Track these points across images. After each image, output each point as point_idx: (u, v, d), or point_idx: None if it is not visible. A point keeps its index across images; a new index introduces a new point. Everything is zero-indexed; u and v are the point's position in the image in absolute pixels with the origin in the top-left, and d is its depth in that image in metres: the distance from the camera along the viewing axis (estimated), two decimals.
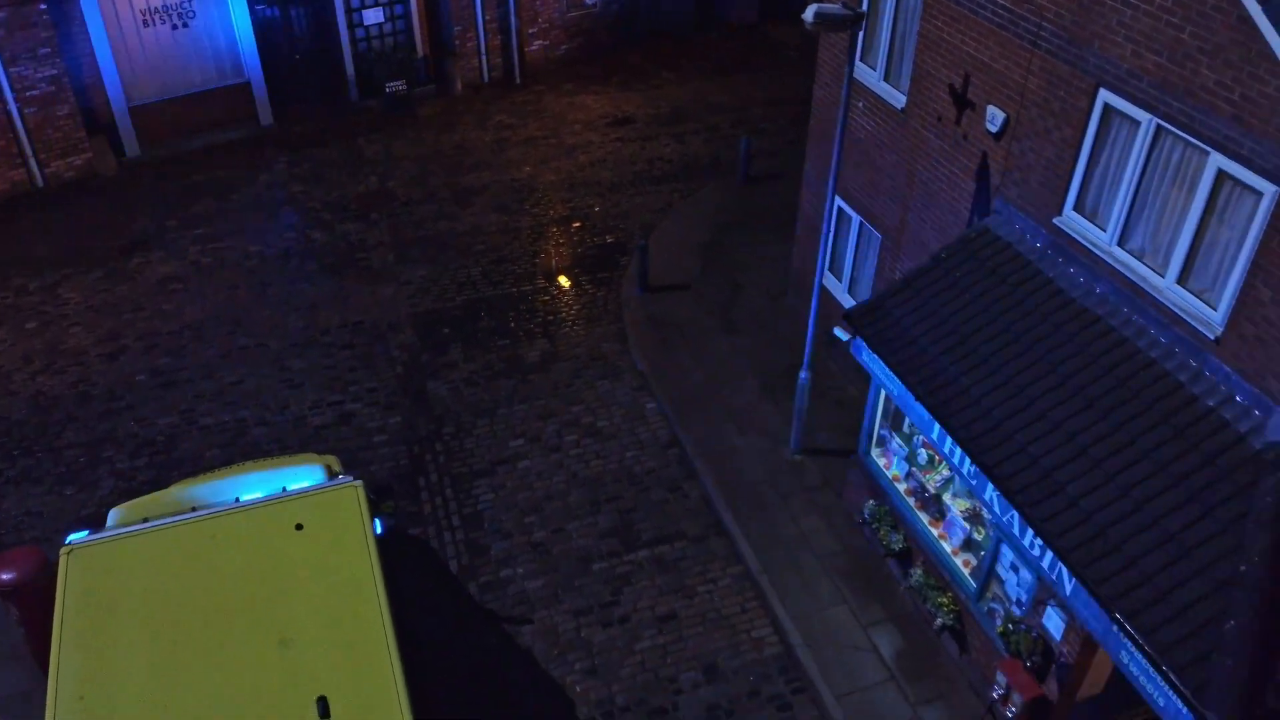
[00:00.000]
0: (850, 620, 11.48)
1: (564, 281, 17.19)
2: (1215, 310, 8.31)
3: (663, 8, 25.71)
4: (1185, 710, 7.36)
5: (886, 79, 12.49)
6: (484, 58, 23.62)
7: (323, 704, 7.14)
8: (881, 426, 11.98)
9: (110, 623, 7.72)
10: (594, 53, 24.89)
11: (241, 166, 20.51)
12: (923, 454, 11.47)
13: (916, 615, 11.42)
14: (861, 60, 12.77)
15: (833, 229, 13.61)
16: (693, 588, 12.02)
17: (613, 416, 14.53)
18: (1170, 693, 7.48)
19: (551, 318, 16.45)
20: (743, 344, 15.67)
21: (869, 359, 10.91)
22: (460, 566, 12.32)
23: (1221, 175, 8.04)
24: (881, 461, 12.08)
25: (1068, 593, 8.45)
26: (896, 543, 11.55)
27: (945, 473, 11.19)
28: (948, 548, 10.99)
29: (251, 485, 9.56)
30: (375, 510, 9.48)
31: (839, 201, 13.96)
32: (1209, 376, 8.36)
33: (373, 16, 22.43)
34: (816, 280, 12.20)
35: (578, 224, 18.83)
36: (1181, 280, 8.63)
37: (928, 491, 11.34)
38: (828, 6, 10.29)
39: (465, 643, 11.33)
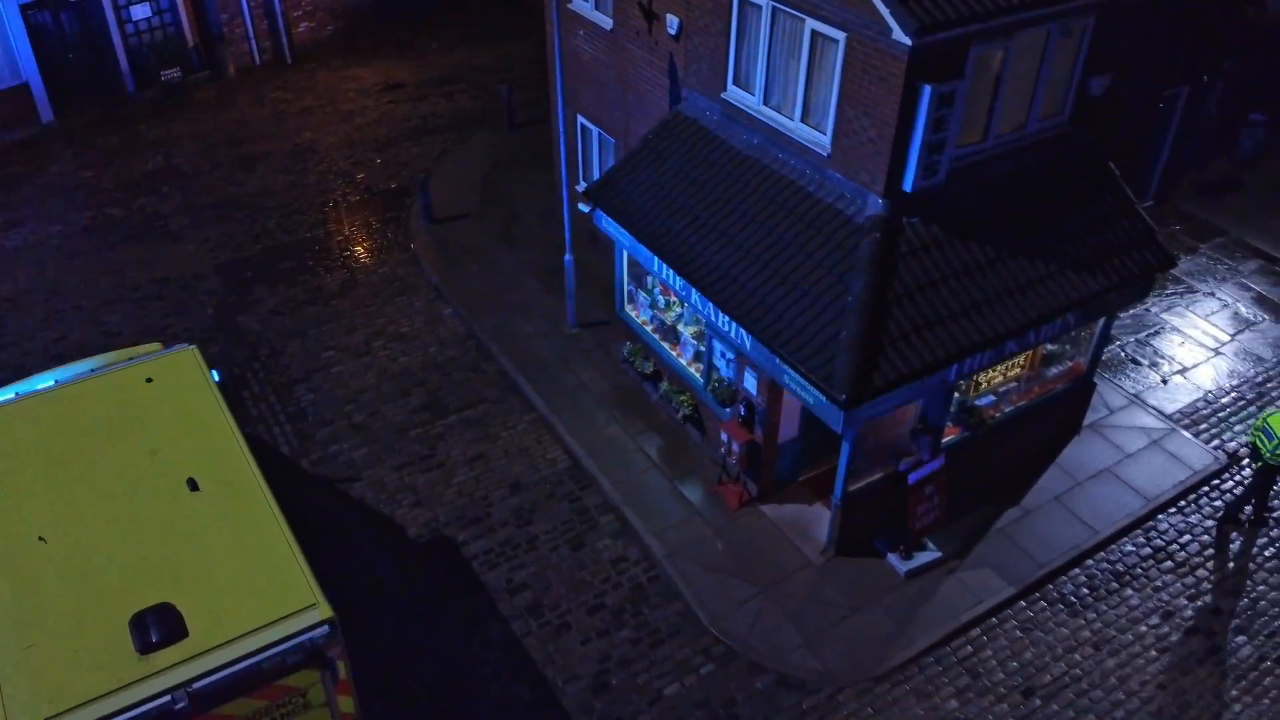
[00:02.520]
0: (621, 434, 14.35)
1: (355, 221, 19.30)
2: (825, 135, 11.56)
3: None
4: (823, 398, 10.56)
5: (597, 8, 15.37)
6: (253, 42, 25.12)
7: (191, 483, 9.24)
8: (629, 284, 14.89)
9: (7, 466, 9.48)
10: (361, 30, 26.80)
11: (30, 161, 21.32)
12: (660, 299, 14.45)
13: (668, 421, 14.42)
14: None
15: (569, 136, 16.44)
16: (496, 434, 14.57)
17: (414, 323, 16.83)
18: (814, 389, 10.68)
19: (347, 253, 18.54)
20: (522, 255, 18.29)
21: (607, 224, 13.76)
22: (291, 450, 14.35)
23: (815, 34, 11.26)
24: (633, 313, 15.01)
25: (748, 348, 11.59)
26: (647, 368, 14.53)
27: (677, 309, 14.21)
28: (683, 361, 14.04)
29: (100, 366, 11.32)
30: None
31: (580, 119, 16.79)
32: (827, 183, 11.62)
33: (140, 11, 23.54)
34: (563, 183, 14.95)
35: (361, 175, 20.91)
36: (804, 119, 11.84)
37: (666, 325, 14.35)
38: None
39: (303, 501, 13.40)
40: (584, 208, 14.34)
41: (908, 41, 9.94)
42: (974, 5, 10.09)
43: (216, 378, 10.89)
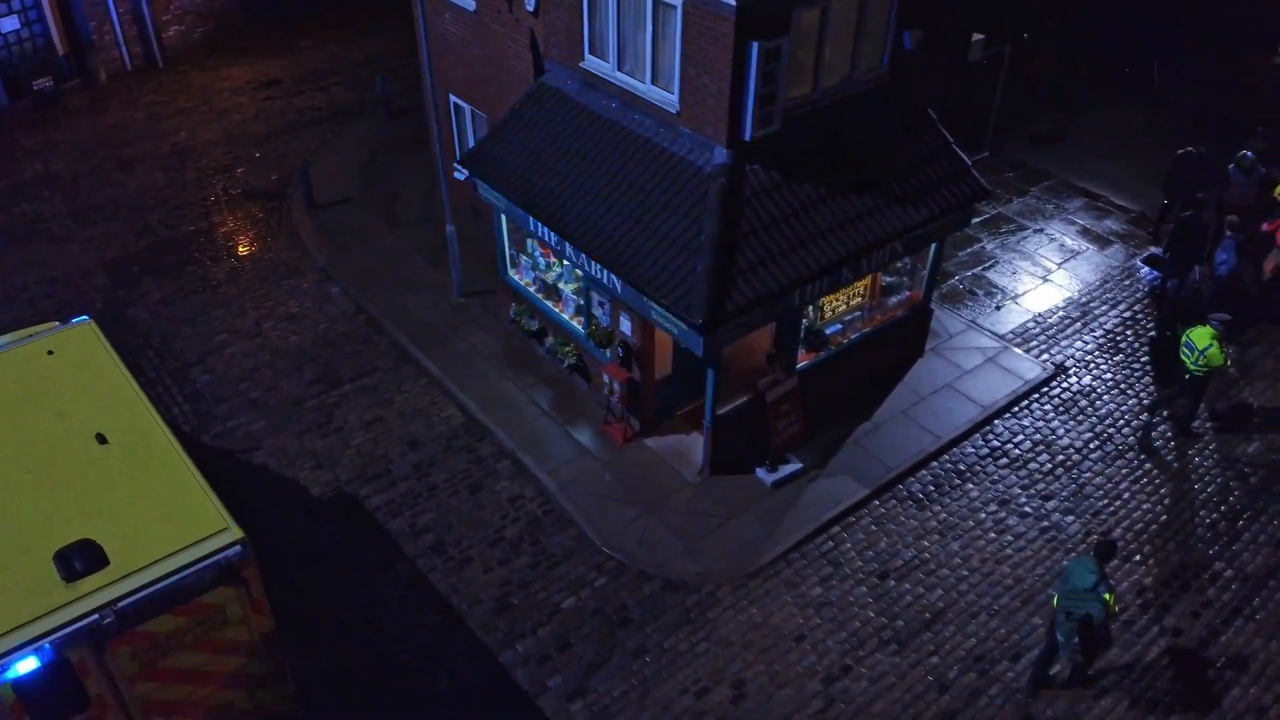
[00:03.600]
0: (513, 389, 15.33)
1: (236, 213, 19.76)
2: (673, 94, 12.75)
3: None
4: (685, 326, 11.76)
5: None
6: (124, 48, 25.13)
7: (100, 436, 9.88)
8: (511, 249, 15.87)
9: None
10: (231, 30, 27.01)
11: None
12: (541, 260, 15.47)
13: (556, 373, 15.46)
14: None
15: (442, 115, 17.33)
16: (391, 399, 15.37)
17: (302, 304, 17.46)
18: (677, 320, 11.88)
19: (232, 243, 19.01)
20: (405, 234, 19.06)
21: (484, 190, 14.73)
22: (191, 428, 14.89)
23: (656, 2, 12.42)
24: (516, 276, 16.00)
25: (620, 291, 12.73)
26: (533, 326, 15.55)
27: (558, 269, 15.24)
28: (565, 315, 15.10)
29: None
30: None
31: (453, 98, 17.68)
32: (678, 138, 12.81)
33: (9, 24, 23.39)
34: (439, 156, 15.82)
35: (241, 170, 21.33)
36: (653, 81, 13.01)
37: (548, 284, 15.39)
38: None
39: (207, 472, 13.94)
40: (459, 174, 15.25)
41: (733, 3, 11.18)
42: None
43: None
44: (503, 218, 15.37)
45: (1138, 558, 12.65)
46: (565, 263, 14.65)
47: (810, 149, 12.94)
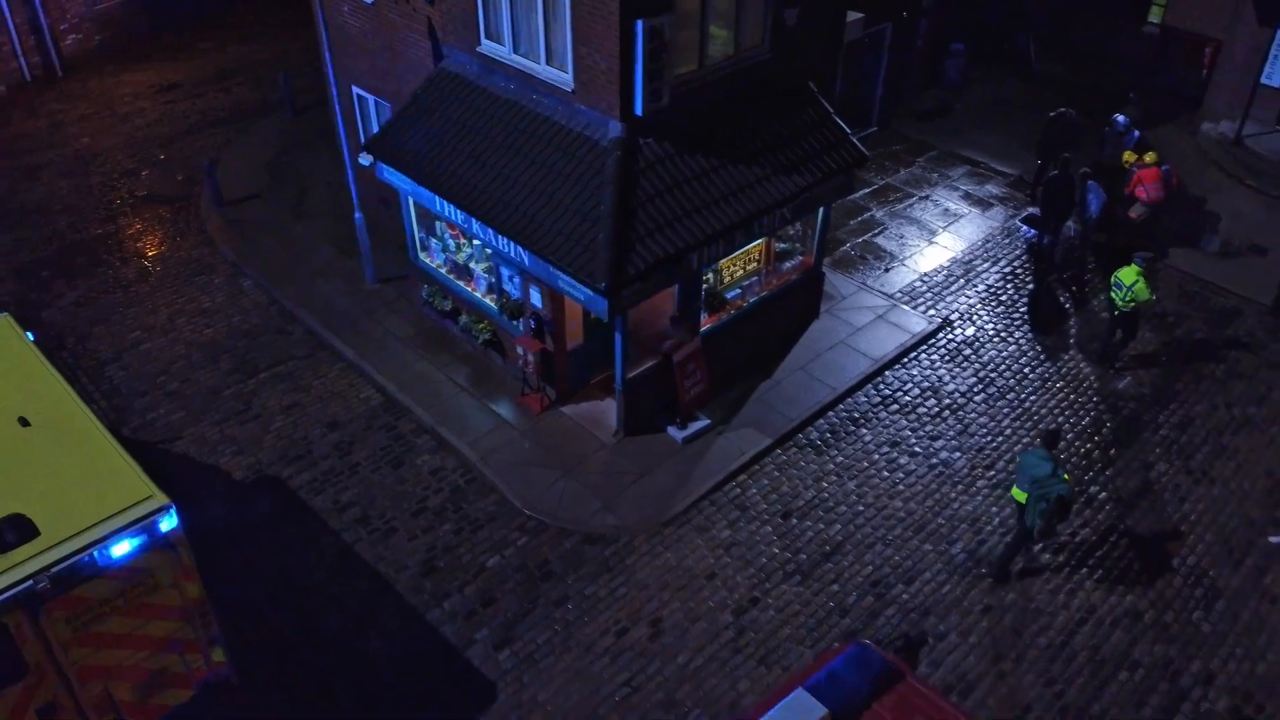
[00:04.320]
0: (430, 368, 15.81)
1: (145, 215, 19.79)
2: (567, 74, 13.40)
3: None
4: (588, 290, 12.43)
5: None
6: (21, 58, 24.73)
7: (23, 420, 10.12)
8: (420, 232, 16.33)
9: None
10: (130, 37, 26.76)
11: None
12: (451, 241, 15.98)
13: (472, 351, 15.99)
14: None
15: (345, 106, 17.70)
16: (308, 384, 15.71)
17: (215, 299, 17.64)
18: (582, 287, 12.54)
19: (141, 243, 19.05)
20: (315, 226, 19.34)
21: (389, 174, 15.17)
22: (110, 422, 15.00)
23: None
24: (427, 259, 16.47)
25: (527, 263, 13.34)
26: (446, 306, 16.05)
27: (468, 249, 15.77)
28: (478, 294, 15.64)
29: None
30: None
31: (355, 89, 18.04)
32: (574, 115, 13.47)
33: None
34: (344, 146, 16.19)
35: (146, 172, 21.32)
36: (548, 62, 13.64)
37: (459, 264, 15.90)
38: None
39: None
40: (365, 161, 15.66)
41: None
42: None
43: (31, 338, 11.67)
44: (409, 202, 15.83)
45: None
46: (475, 242, 15.19)
47: (700, 122, 13.71)
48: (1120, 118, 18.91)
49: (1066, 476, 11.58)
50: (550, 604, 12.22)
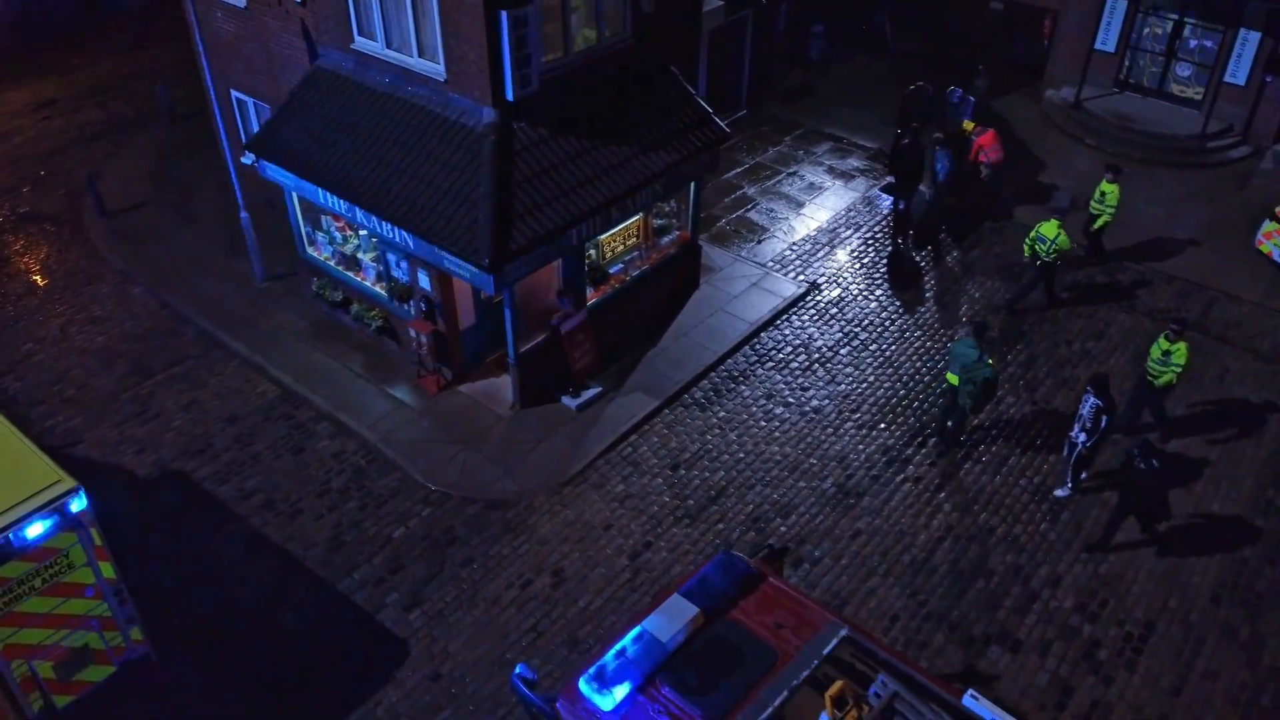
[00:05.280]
0: (325, 359, 16.28)
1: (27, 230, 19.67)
2: (440, 64, 14.08)
3: (53, 6, 27.65)
4: (475, 269, 13.15)
5: None
6: None
7: None
8: (306, 227, 16.77)
9: None
10: (1, 58, 26.25)
11: None
12: (337, 234, 16.47)
13: (366, 339, 16.52)
14: None
15: (225, 110, 18.00)
16: (205, 381, 16.02)
17: (105, 306, 17.74)
18: (468, 265, 13.25)
19: (27, 258, 18.97)
20: (202, 230, 19.52)
21: (271, 171, 15.60)
22: None
23: None
24: (315, 253, 16.92)
25: (413, 247, 13.99)
26: (337, 297, 16.55)
27: (355, 240, 16.28)
28: (367, 283, 16.19)
29: None
30: None
31: (235, 93, 18.33)
32: (449, 104, 14.15)
33: None
34: (225, 148, 16.52)
35: (27, 189, 21.14)
36: (420, 55, 14.29)
37: (347, 256, 16.41)
38: None
39: None
40: (247, 160, 16.04)
41: None
42: None
43: None
44: (294, 197, 16.26)
45: (882, 425, 14.99)
46: (361, 233, 15.74)
47: (569, 106, 14.54)
48: (955, 90, 20.48)
49: (991, 362, 13.74)
50: (456, 565, 12.92)
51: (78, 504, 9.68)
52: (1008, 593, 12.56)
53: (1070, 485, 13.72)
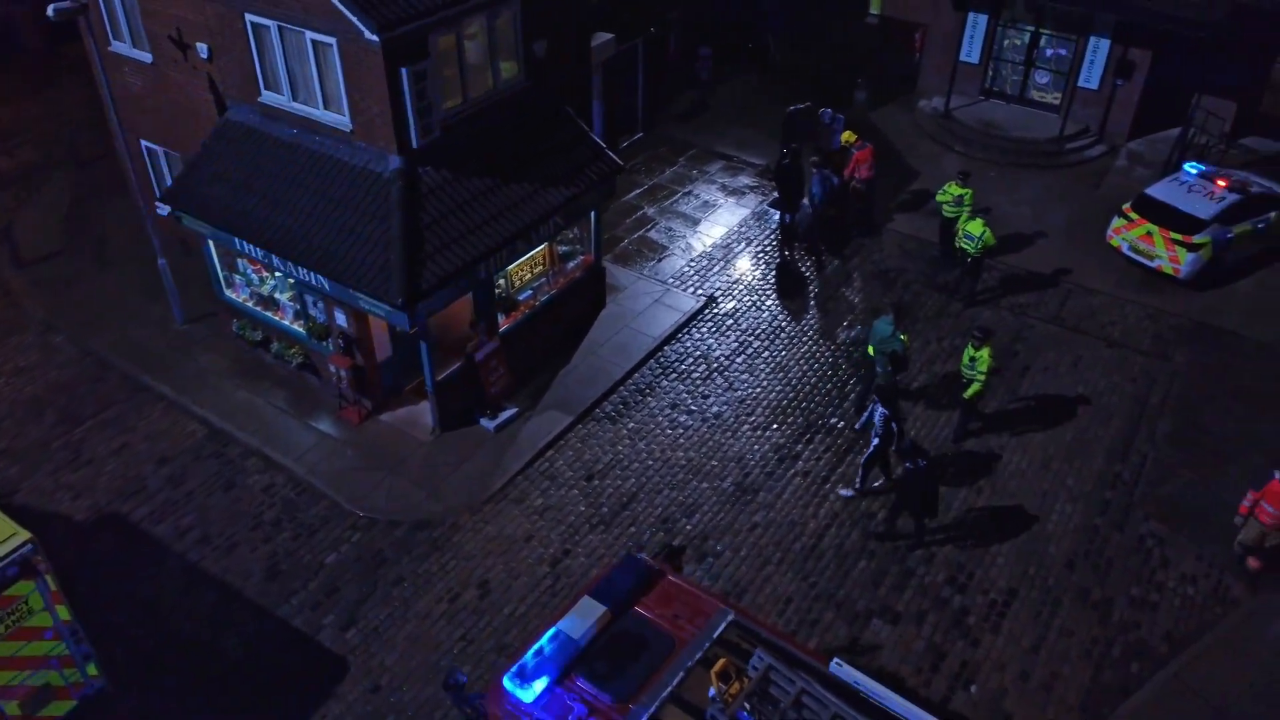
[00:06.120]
0: (250, 396, 17.05)
1: None
2: (345, 116, 15.00)
3: None
4: (389, 308, 14.14)
5: (135, 46, 17.63)
6: None
7: None
8: (224, 270, 17.50)
9: None
10: None
11: None
12: (254, 276, 17.24)
13: (288, 375, 17.32)
14: (114, 39, 17.77)
15: (137, 160, 18.58)
16: (134, 426, 16.65)
17: (29, 357, 18.19)
18: (382, 304, 14.23)
19: None
20: (120, 274, 20.02)
21: (189, 222, 16.33)
22: None
23: (315, 42, 14.61)
24: (234, 295, 17.66)
25: (329, 289, 14.91)
26: (258, 336, 17.33)
27: (271, 281, 17.07)
28: (286, 322, 17.02)
29: None
30: None
31: (145, 143, 18.92)
32: (357, 152, 15.07)
33: None
34: (139, 199, 17.15)
35: None
36: (326, 107, 15.18)
37: (265, 296, 17.21)
38: (62, 4, 15.23)
39: None
40: (163, 210, 16.71)
41: (377, 39, 13.60)
42: (416, 6, 13.91)
43: None
44: (210, 243, 17.00)
45: (775, 425, 16.40)
46: (278, 274, 16.56)
47: (471, 149, 15.60)
48: (826, 110, 22.15)
49: (904, 337, 15.57)
50: (388, 585, 13.90)
51: (34, 553, 10.44)
52: (887, 571, 14.04)
53: (859, 485, 15.11)
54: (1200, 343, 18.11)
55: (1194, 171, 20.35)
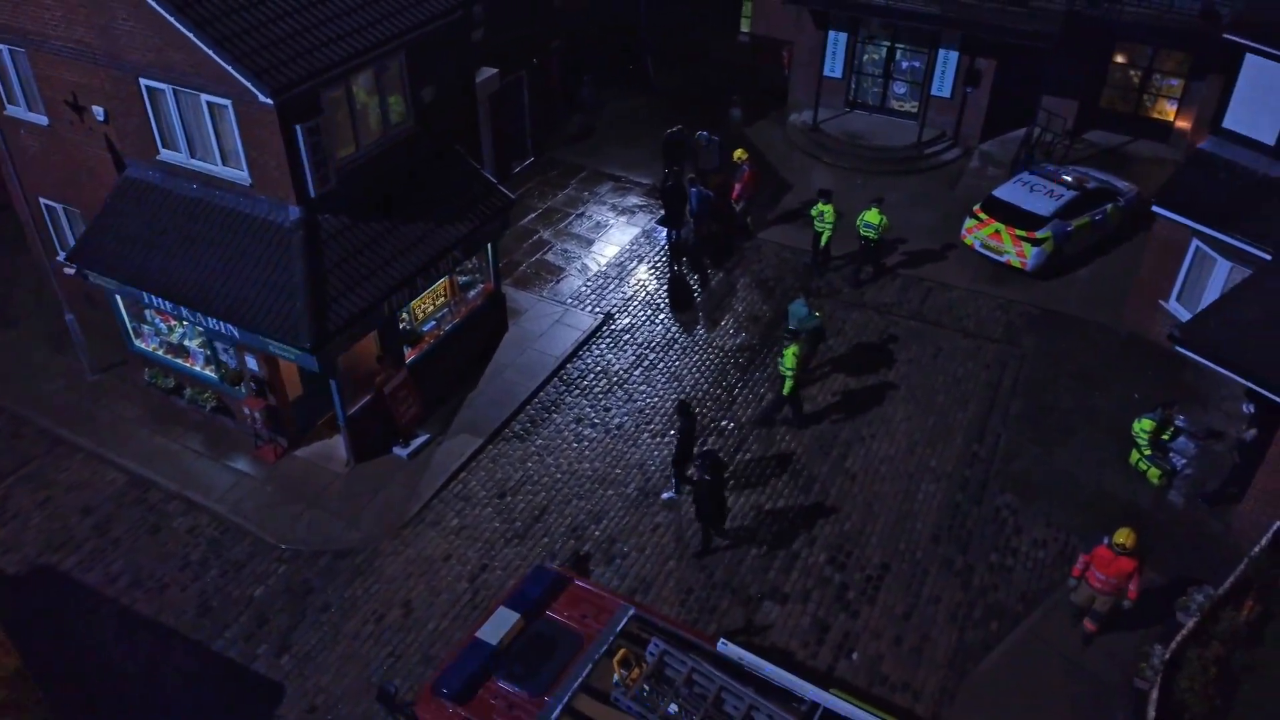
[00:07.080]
0: (166, 442, 17.67)
1: None
2: (244, 172, 15.75)
3: None
4: (298, 351, 15.02)
5: (31, 110, 18.04)
6: None
7: None
8: (132, 322, 18.05)
9: None
10: None
11: None
12: (163, 326, 17.85)
13: (202, 420, 17.99)
14: (9, 103, 18.15)
15: (37, 218, 18.96)
16: (54, 479, 17.12)
17: None
18: (291, 349, 15.10)
19: None
20: (25, 329, 20.30)
21: (95, 279, 16.88)
22: None
23: (210, 104, 15.35)
24: (143, 344, 18.23)
25: (239, 336, 15.71)
26: (170, 384, 17.96)
27: (180, 329, 17.71)
28: (198, 368, 17.70)
29: None
30: None
31: (44, 200, 19.28)
32: (257, 205, 15.87)
33: None
34: (42, 256, 17.56)
35: None
36: (225, 164, 15.92)
37: (174, 344, 17.84)
38: None
39: None
40: (69, 270, 17.21)
41: (271, 101, 14.47)
42: (307, 67, 14.80)
43: None
44: (117, 297, 17.56)
45: (672, 431, 17.77)
46: (185, 323, 17.21)
47: (367, 194, 16.56)
48: (703, 133, 23.73)
49: (819, 315, 18.44)
50: (316, 611, 14.80)
51: None
52: (775, 556, 15.54)
53: (675, 489, 16.53)
54: (1045, 328, 20.17)
55: (1034, 175, 22.48)
